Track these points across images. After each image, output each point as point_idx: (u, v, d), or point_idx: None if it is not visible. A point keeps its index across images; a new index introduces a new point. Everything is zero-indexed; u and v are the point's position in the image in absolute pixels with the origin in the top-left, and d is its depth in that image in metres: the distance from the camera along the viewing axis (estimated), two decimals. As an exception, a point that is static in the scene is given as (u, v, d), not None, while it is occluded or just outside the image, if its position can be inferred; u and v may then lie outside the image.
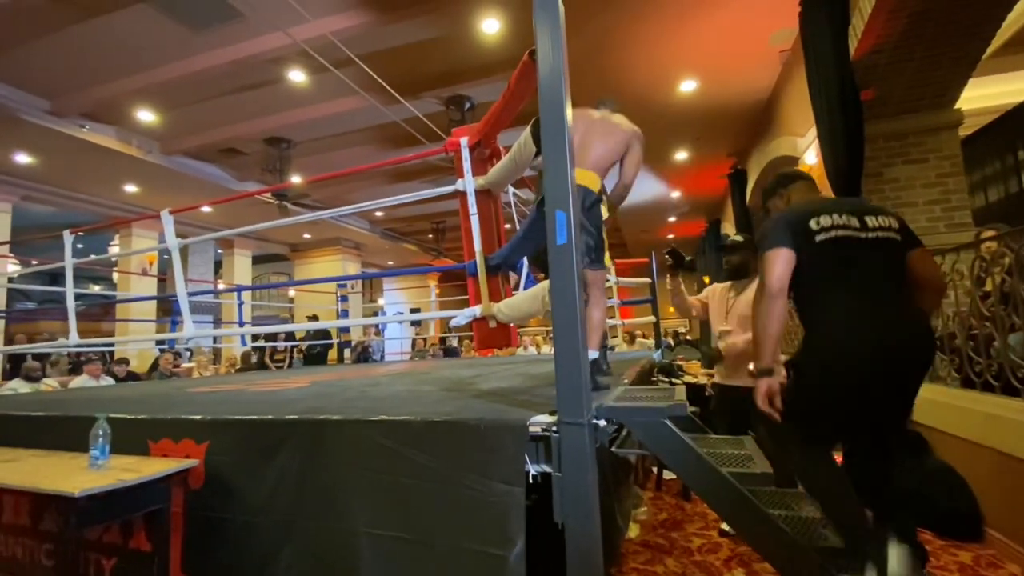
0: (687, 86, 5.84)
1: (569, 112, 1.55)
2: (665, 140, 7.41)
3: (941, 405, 2.93)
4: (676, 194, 10.18)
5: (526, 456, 1.52)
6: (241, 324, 6.98)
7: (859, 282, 1.51)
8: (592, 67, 5.34)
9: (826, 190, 3.89)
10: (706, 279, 12.07)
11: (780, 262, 1.53)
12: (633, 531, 2.75)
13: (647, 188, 9.54)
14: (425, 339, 11.68)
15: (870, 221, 1.55)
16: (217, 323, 10.94)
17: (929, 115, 4.12)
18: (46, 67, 5.45)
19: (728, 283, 3.02)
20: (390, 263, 15.20)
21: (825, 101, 3.59)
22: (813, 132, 4.25)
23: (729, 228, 9.58)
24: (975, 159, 5.36)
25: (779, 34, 4.89)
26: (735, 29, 4.83)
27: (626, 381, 2.43)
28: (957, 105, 4.13)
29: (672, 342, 11.93)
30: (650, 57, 5.30)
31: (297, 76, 5.83)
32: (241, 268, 11.38)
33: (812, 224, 1.54)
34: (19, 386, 4.87)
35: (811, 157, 4.88)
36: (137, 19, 4.81)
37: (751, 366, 1.66)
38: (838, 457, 3.13)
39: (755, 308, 1.60)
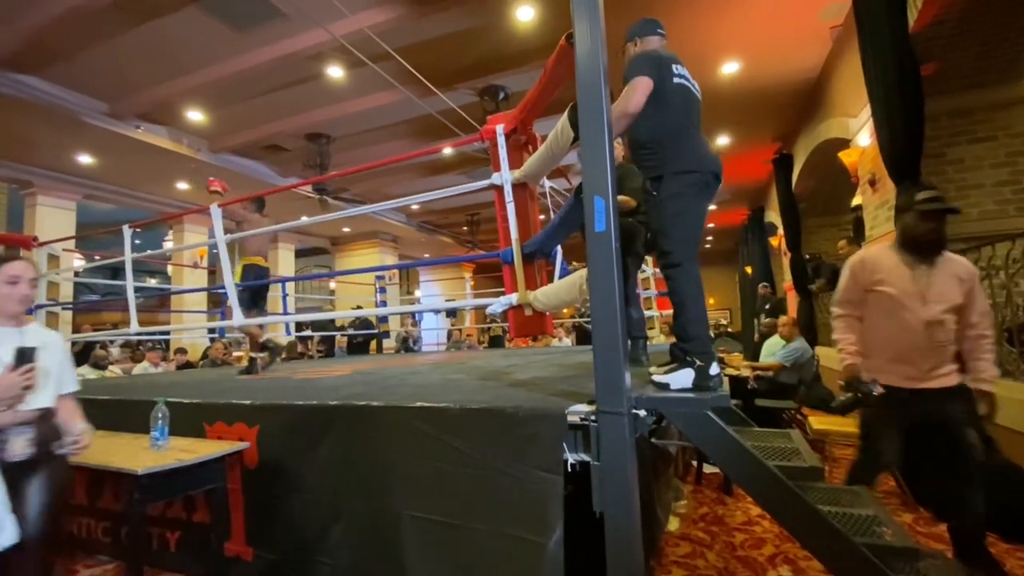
0: (729, 68, 5.62)
1: (606, 96, 1.52)
2: (705, 125, 7.12)
3: (1010, 401, 2.74)
4: (717, 181, 9.86)
5: (564, 445, 1.51)
6: (286, 314, 7.23)
7: (696, 120, 1.98)
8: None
9: (881, 172, 3.68)
10: (748, 269, 11.66)
11: (644, 90, 1.81)
12: (673, 524, 2.70)
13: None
14: (460, 330, 11.82)
15: (695, 83, 2.01)
16: (262, 314, 11.37)
17: (997, 90, 3.83)
18: (104, 71, 5.74)
19: (893, 252, 2.13)
20: (426, 255, 15.40)
21: (881, 78, 3.37)
22: (867, 112, 4.02)
23: (774, 216, 9.21)
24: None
25: (829, 9, 4.63)
26: (781, 5, 4.60)
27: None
28: (1030, 78, 3.82)
29: (712, 334, 11.61)
30: (690, 38, 5.12)
31: (336, 72, 5.94)
32: (285, 261, 11.78)
33: (674, 68, 1.91)
34: (87, 372, 5.22)
35: (864, 138, 4.62)
36: (186, 22, 5.00)
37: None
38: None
39: (616, 126, 1.83)
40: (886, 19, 3.28)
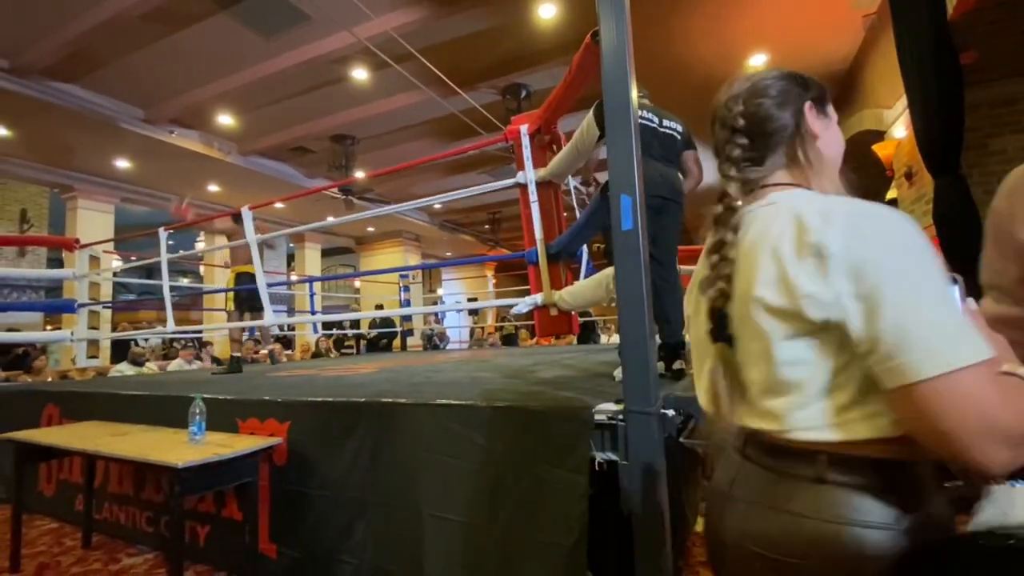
0: (756, 60, 5.50)
1: (634, 93, 1.51)
2: (731, 120, 7.01)
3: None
4: (743, 176, 9.66)
5: (592, 444, 1.51)
6: (313, 313, 7.40)
7: (657, 151, 2.19)
8: (654, 45, 5.15)
9: (918, 165, 3.55)
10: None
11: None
12: (700, 525, 2.67)
13: (710, 170, 9.09)
14: (483, 328, 11.87)
15: (664, 122, 2.26)
16: (291, 313, 11.62)
17: (1043, 77, 3.66)
18: (140, 79, 5.95)
19: None
20: (448, 254, 15.50)
21: (917, 68, 3.25)
22: (902, 103, 3.89)
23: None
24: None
25: (862, -3, 4.49)
26: (811, -5, 4.48)
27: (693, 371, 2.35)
28: (1080, 64, 3.63)
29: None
30: (716, 31, 5.03)
31: (360, 74, 6.03)
32: (312, 261, 12.01)
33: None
34: (126, 369, 5.43)
35: (900, 131, 4.47)
36: (216, 30, 5.15)
37: None
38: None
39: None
40: (923, 7, 3.16)
